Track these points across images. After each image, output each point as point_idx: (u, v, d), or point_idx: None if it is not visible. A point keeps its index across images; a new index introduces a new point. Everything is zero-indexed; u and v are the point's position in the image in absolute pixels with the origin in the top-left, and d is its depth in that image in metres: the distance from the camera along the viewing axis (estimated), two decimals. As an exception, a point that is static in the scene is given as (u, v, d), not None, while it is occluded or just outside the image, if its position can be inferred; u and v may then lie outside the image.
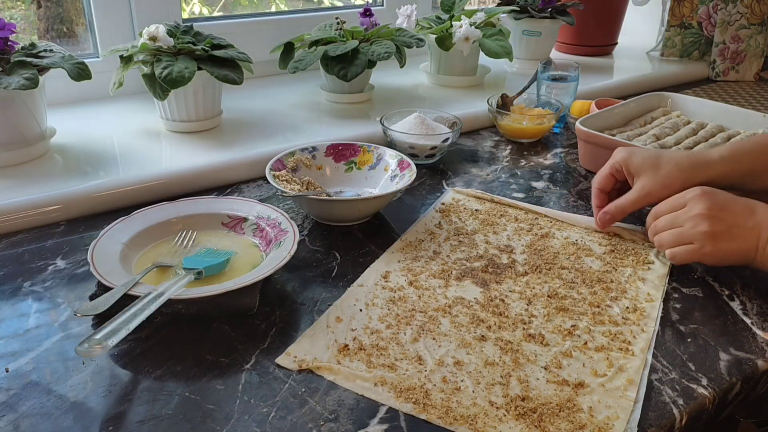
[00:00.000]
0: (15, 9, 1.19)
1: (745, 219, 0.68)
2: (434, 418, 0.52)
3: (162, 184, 0.88)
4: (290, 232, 0.72)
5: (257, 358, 0.58)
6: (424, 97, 1.28)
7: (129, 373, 0.56)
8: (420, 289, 0.69)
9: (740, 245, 0.68)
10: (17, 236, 0.78)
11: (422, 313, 0.65)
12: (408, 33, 1.20)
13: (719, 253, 0.69)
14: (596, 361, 0.59)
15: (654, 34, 1.73)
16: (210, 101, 1.04)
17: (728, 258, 0.69)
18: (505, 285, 0.70)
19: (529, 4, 1.45)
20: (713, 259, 0.70)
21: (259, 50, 1.21)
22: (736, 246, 0.68)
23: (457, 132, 1.01)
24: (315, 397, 0.54)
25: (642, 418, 0.53)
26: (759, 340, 0.63)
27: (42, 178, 0.87)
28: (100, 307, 0.59)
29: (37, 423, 0.51)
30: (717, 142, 1.00)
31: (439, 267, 0.73)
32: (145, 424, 0.51)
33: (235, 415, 0.52)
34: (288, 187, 0.80)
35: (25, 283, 0.69)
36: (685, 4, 1.55)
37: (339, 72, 1.10)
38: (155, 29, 0.96)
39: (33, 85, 0.82)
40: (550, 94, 1.16)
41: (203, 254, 0.69)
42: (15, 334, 0.61)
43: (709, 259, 0.70)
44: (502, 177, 0.98)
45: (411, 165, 0.85)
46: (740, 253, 0.68)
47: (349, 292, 0.68)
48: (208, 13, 1.48)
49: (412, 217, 0.85)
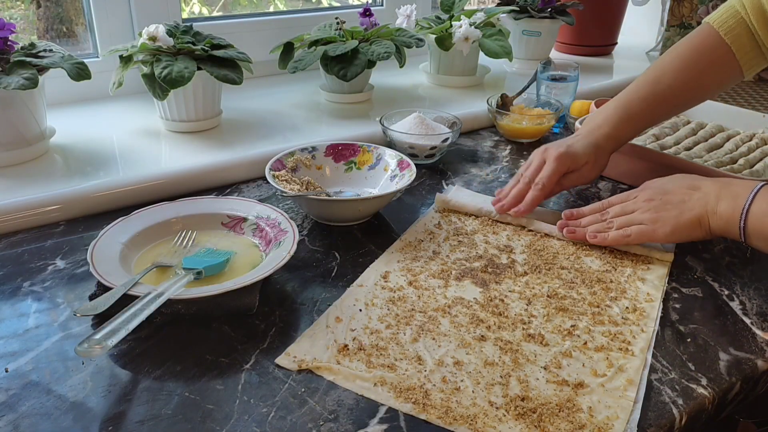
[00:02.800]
0: (14, 9, 1.19)
1: (691, 194, 0.72)
2: (434, 418, 0.52)
3: (162, 184, 0.88)
4: (290, 232, 0.72)
5: (257, 358, 0.58)
6: (424, 97, 1.28)
7: (129, 373, 0.56)
8: (419, 289, 0.69)
9: (690, 217, 0.71)
10: (17, 236, 0.78)
11: (422, 313, 0.65)
12: (408, 33, 1.20)
13: (672, 228, 0.71)
14: (596, 361, 0.59)
15: (654, 34, 1.73)
16: (210, 101, 1.04)
17: (682, 231, 0.72)
18: (504, 285, 0.70)
19: (528, 4, 1.45)
20: (667, 235, 0.72)
21: (259, 50, 1.21)
22: (686, 218, 0.71)
23: (457, 132, 1.01)
24: (315, 397, 0.54)
25: (642, 418, 0.53)
26: (758, 340, 0.63)
27: (41, 178, 0.86)
28: (99, 307, 0.59)
29: (37, 423, 0.51)
30: (717, 142, 1.00)
31: (439, 267, 0.73)
32: (144, 424, 0.51)
33: (234, 415, 0.52)
34: (288, 187, 0.80)
35: (25, 283, 0.69)
36: (684, 4, 1.55)
37: (339, 72, 1.10)
38: (155, 29, 0.96)
39: (33, 85, 0.82)
40: (549, 94, 1.16)
41: (203, 254, 0.69)
42: (15, 334, 0.61)
43: (662, 236, 0.72)
44: (501, 177, 0.98)
45: (411, 165, 0.85)
46: (693, 224, 0.71)
47: (349, 292, 0.68)
48: (208, 13, 1.48)
49: (411, 217, 0.85)
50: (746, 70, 0.83)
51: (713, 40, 0.82)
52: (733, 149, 0.98)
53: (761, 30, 0.80)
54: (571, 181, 0.84)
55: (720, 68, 0.83)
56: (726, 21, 0.81)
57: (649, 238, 0.73)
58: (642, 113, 0.84)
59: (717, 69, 0.83)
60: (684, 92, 0.84)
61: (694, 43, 0.84)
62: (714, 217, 0.70)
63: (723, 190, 0.71)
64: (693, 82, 0.83)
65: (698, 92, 0.85)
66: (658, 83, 0.83)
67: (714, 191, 0.71)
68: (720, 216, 0.69)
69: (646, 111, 0.84)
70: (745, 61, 0.82)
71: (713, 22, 0.82)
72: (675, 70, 0.83)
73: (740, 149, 0.98)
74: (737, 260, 0.77)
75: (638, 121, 0.84)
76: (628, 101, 0.84)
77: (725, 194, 0.70)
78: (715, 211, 0.70)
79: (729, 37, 0.81)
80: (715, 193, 0.71)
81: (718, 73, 0.83)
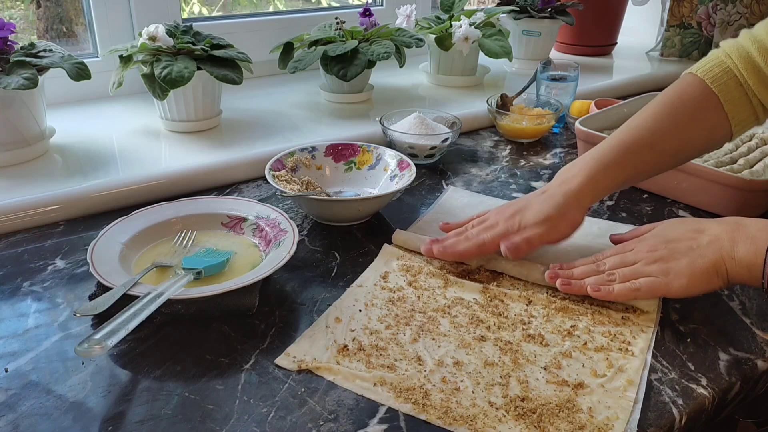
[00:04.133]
0: (14, 9, 1.19)
1: (698, 239, 0.64)
2: (434, 419, 0.52)
3: (161, 184, 0.88)
4: (290, 232, 0.72)
5: (257, 358, 0.58)
6: (424, 97, 1.28)
7: (128, 373, 0.56)
8: (419, 289, 0.69)
9: (704, 265, 0.62)
10: (16, 236, 0.78)
11: (421, 313, 0.65)
12: (407, 33, 1.20)
13: (687, 280, 0.63)
14: (596, 361, 0.59)
15: (653, 34, 1.73)
16: (209, 101, 1.04)
17: (699, 282, 0.63)
18: (504, 285, 0.70)
19: (528, 4, 1.45)
20: (684, 288, 0.63)
21: (259, 50, 1.21)
22: (701, 267, 0.62)
23: (457, 132, 1.01)
24: (314, 397, 0.54)
25: (641, 418, 0.53)
26: (758, 340, 0.63)
27: (41, 178, 0.86)
28: (99, 307, 0.59)
29: (37, 423, 0.51)
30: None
31: (438, 267, 0.73)
32: (144, 424, 0.51)
33: (234, 415, 0.52)
34: (287, 187, 0.80)
35: (25, 283, 0.69)
36: (684, 4, 1.55)
37: (338, 72, 1.10)
38: (155, 29, 0.96)
39: (32, 84, 0.82)
40: (549, 94, 1.16)
41: (203, 254, 0.69)
42: (14, 334, 0.61)
43: (677, 289, 0.63)
44: (501, 177, 0.98)
45: (410, 165, 0.85)
46: (709, 273, 0.62)
47: (349, 292, 0.68)
48: (208, 13, 1.48)
49: (411, 217, 0.85)
50: (734, 124, 0.74)
51: (698, 87, 0.74)
52: (733, 149, 0.98)
53: (751, 79, 0.72)
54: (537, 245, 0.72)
55: (705, 117, 0.74)
56: (711, 70, 0.74)
57: (663, 292, 0.64)
58: (621, 161, 0.72)
59: (702, 117, 0.74)
60: (667, 140, 0.73)
61: (677, 90, 0.75)
62: (732, 263, 0.61)
63: (736, 232, 0.62)
64: (676, 129, 0.73)
65: (683, 143, 0.74)
66: (638, 129, 0.74)
67: (726, 234, 0.63)
68: (739, 262, 0.61)
69: (627, 158, 0.72)
70: (734, 114, 0.73)
71: (697, 71, 0.75)
72: (656, 114, 0.74)
73: (740, 149, 0.98)
74: (737, 260, 0.77)
75: (617, 170, 0.72)
76: (605, 148, 0.73)
77: (740, 237, 0.62)
78: (733, 256, 0.61)
79: (715, 85, 0.73)
80: (728, 236, 0.63)
81: (704, 122, 0.74)
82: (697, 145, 0.75)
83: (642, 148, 0.73)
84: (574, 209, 0.71)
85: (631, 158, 0.73)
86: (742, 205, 0.84)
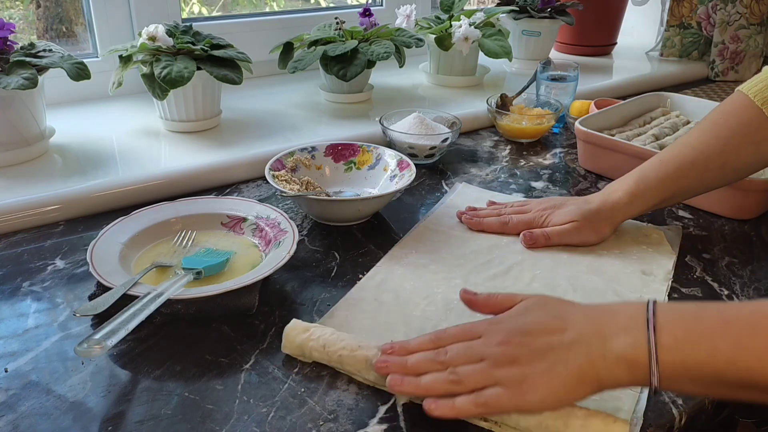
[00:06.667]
0: (14, 9, 1.19)
1: (560, 335, 0.50)
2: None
3: (161, 184, 0.88)
4: (290, 232, 0.72)
5: (257, 358, 0.58)
6: (424, 97, 1.28)
7: (128, 373, 0.56)
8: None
9: (567, 370, 0.48)
10: (16, 236, 0.78)
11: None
12: (407, 33, 1.20)
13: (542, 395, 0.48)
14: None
15: (653, 34, 1.73)
16: (209, 101, 1.04)
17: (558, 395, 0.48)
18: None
19: (528, 4, 1.45)
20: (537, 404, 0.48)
21: (259, 50, 1.21)
22: (562, 373, 0.48)
23: (457, 132, 1.01)
24: (314, 397, 0.54)
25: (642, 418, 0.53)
26: (758, 340, 0.63)
27: (41, 178, 0.86)
28: (99, 307, 0.59)
29: (37, 423, 0.51)
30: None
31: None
32: (144, 424, 0.51)
33: (234, 415, 0.52)
34: (287, 187, 0.80)
35: (24, 283, 0.69)
36: (684, 4, 1.55)
37: (338, 72, 1.10)
38: (154, 29, 0.96)
39: (32, 84, 0.82)
40: (549, 94, 1.16)
41: (202, 254, 0.69)
42: (14, 334, 0.61)
43: (530, 404, 0.48)
44: (501, 177, 0.98)
45: (410, 165, 0.85)
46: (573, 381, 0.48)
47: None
48: (207, 13, 1.48)
49: (411, 217, 0.85)
50: None
51: (743, 103, 0.73)
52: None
53: None
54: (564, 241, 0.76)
55: (749, 132, 0.72)
56: (756, 85, 0.73)
57: (514, 409, 0.49)
58: (663, 179, 0.74)
59: (746, 132, 0.73)
60: (709, 155, 0.73)
61: (722, 107, 0.76)
62: (604, 365, 0.47)
63: (603, 324, 0.49)
64: (718, 143, 0.73)
65: (728, 158, 0.73)
66: (680, 145, 0.75)
67: (592, 328, 0.49)
68: (615, 361, 0.47)
69: (668, 176, 0.74)
70: None
71: (743, 87, 0.74)
72: (699, 131, 0.75)
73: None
74: (737, 260, 0.77)
75: (659, 187, 0.75)
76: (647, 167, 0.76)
77: (609, 329, 0.48)
78: (604, 355, 0.47)
79: (758, 99, 0.72)
80: (594, 329, 0.49)
81: (748, 136, 0.73)
82: (744, 158, 0.74)
83: (683, 164, 0.74)
84: (604, 220, 0.76)
85: (672, 175, 0.74)
86: (741, 205, 0.84)
